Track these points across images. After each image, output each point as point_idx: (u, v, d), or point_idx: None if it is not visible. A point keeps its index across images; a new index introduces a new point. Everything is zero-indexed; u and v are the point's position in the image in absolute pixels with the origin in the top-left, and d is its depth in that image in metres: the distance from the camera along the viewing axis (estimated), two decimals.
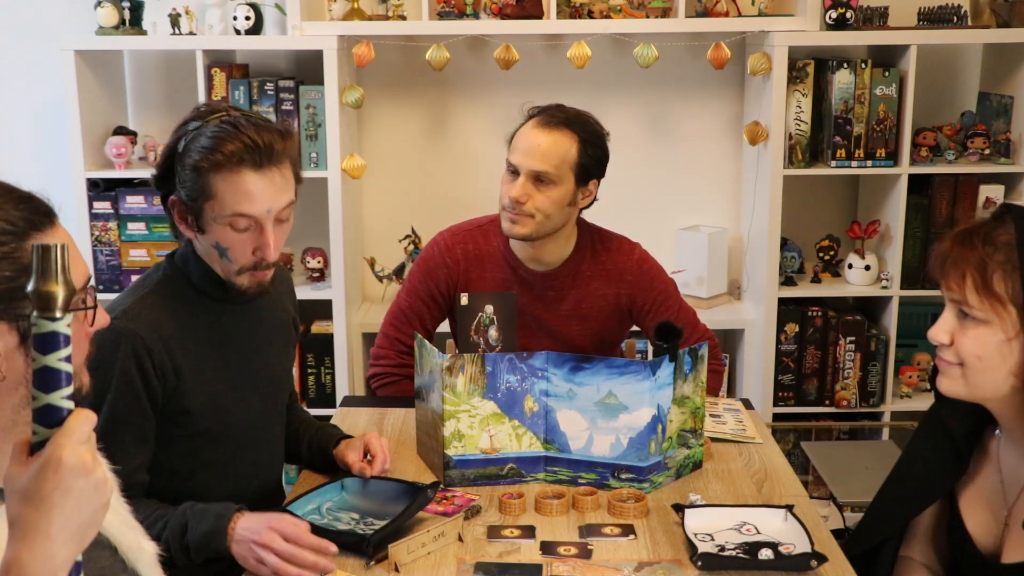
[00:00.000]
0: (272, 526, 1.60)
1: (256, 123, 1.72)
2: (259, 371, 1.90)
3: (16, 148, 3.47)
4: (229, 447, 1.84)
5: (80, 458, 0.92)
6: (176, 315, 1.77)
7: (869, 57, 3.24)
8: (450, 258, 2.36)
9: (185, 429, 1.78)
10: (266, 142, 1.70)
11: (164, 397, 1.74)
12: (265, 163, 1.71)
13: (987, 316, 1.42)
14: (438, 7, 3.25)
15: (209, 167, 1.68)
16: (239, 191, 1.69)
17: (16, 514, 0.93)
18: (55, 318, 0.91)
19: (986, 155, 3.24)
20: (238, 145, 1.68)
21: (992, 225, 1.45)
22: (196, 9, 3.23)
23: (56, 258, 0.91)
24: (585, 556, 1.65)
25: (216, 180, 1.69)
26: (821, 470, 2.86)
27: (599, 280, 2.34)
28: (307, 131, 3.17)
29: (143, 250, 3.22)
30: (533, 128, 2.21)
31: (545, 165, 2.17)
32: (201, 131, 1.70)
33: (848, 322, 3.33)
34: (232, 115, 1.72)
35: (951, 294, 1.46)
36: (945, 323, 1.48)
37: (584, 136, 2.21)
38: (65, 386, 0.93)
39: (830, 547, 1.66)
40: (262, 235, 1.74)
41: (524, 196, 2.18)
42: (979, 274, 1.42)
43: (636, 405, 1.85)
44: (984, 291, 1.41)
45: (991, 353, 1.43)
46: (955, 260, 1.45)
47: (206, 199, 1.70)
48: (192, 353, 1.77)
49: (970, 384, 1.47)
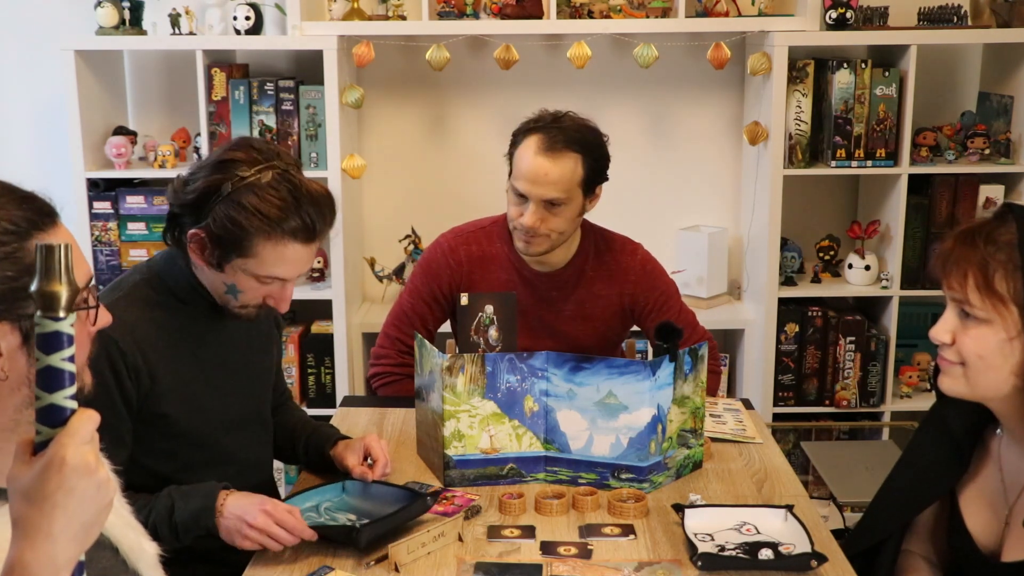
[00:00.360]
0: (266, 510, 1.63)
1: (312, 194, 1.69)
2: (238, 371, 1.89)
3: (16, 148, 3.47)
4: (209, 448, 1.83)
5: (83, 458, 0.92)
6: (152, 318, 1.76)
7: (869, 57, 3.24)
8: (453, 259, 2.35)
9: (163, 431, 1.77)
10: (320, 219, 1.69)
11: (139, 400, 1.73)
12: (314, 239, 1.71)
13: (989, 315, 1.42)
14: (438, 7, 3.25)
15: (257, 231, 1.66)
16: (281, 259, 1.69)
17: (19, 514, 0.93)
18: (58, 318, 0.91)
19: (986, 155, 3.24)
20: (296, 222, 1.67)
21: (994, 224, 1.45)
22: (196, 9, 3.23)
23: (60, 258, 0.91)
24: (585, 556, 1.66)
25: (261, 243, 1.67)
26: (821, 470, 2.86)
27: (602, 281, 2.35)
28: (307, 131, 3.18)
29: (143, 250, 3.22)
30: (536, 155, 2.17)
31: (555, 192, 2.17)
32: (255, 184, 1.66)
33: (848, 322, 3.34)
34: (289, 174, 1.68)
35: (953, 293, 1.46)
36: (947, 322, 1.48)
37: (587, 151, 2.20)
38: (68, 386, 0.93)
39: (830, 547, 1.66)
40: (283, 290, 1.76)
41: (538, 222, 2.19)
42: (981, 273, 1.42)
43: (636, 405, 1.85)
44: (986, 290, 1.41)
45: (992, 352, 1.43)
46: (957, 259, 1.45)
47: (241, 255, 1.69)
48: (168, 356, 1.76)
49: (971, 383, 1.47)
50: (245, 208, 1.65)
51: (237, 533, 1.64)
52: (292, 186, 1.67)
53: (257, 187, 1.65)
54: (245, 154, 1.69)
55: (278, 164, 1.68)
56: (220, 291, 1.76)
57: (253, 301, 1.76)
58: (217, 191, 1.67)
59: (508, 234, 2.33)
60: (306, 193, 1.68)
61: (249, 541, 1.63)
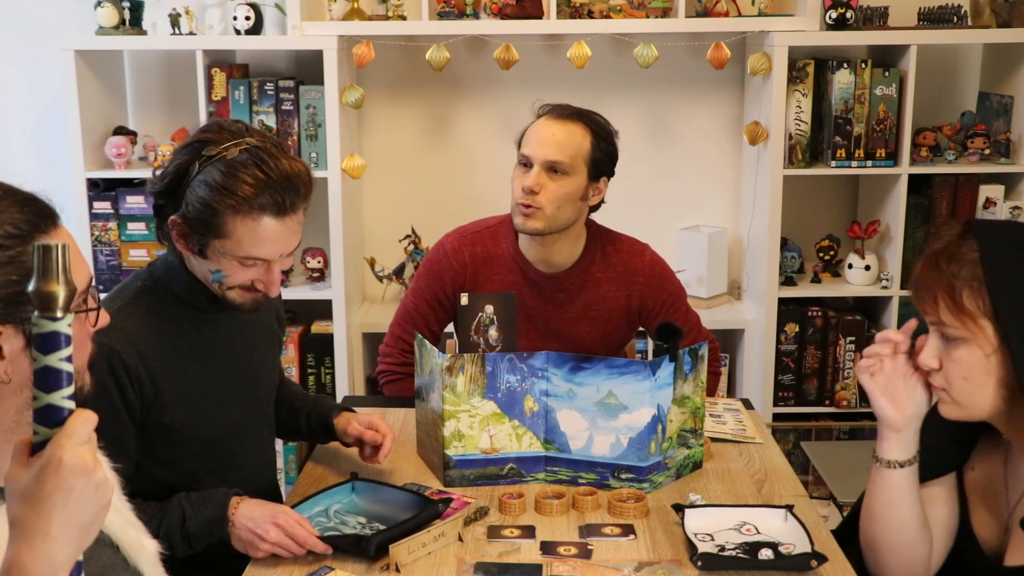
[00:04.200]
0: (278, 523, 1.64)
1: (282, 169, 1.63)
2: (242, 377, 1.87)
3: (16, 148, 3.47)
4: (214, 456, 1.82)
5: (81, 459, 0.92)
6: (155, 327, 1.73)
7: (869, 57, 3.24)
8: (457, 261, 2.35)
9: (167, 441, 1.75)
10: (291, 192, 1.64)
11: (143, 411, 1.71)
12: (287, 212, 1.66)
13: (964, 334, 1.44)
14: (438, 7, 3.25)
15: (226, 208, 1.61)
16: (256, 237, 1.65)
17: (17, 515, 0.93)
18: (56, 318, 0.91)
19: (986, 155, 3.24)
20: (266, 198, 1.62)
21: (956, 244, 1.47)
22: (196, 9, 3.23)
23: (57, 258, 0.90)
24: (585, 556, 1.65)
25: (233, 221, 1.63)
26: (821, 470, 2.86)
27: (609, 282, 2.34)
28: (307, 131, 3.18)
29: (143, 250, 3.22)
30: (546, 121, 2.23)
31: (559, 155, 2.18)
32: (219, 161, 1.62)
33: (848, 322, 3.34)
34: (253, 146, 1.64)
35: (929, 318, 1.49)
36: (932, 348, 1.50)
37: (596, 130, 2.23)
38: (66, 386, 0.93)
39: (830, 547, 1.66)
40: (268, 273, 1.71)
41: (537, 186, 2.17)
42: (948, 295, 1.44)
43: (636, 405, 1.85)
44: (955, 310, 1.43)
45: (977, 372, 1.45)
46: (926, 284, 1.47)
47: (217, 235, 1.65)
48: (172, 365, 1.73)
49: (964, 406, 1.49)
50: (210, 186, 1.61)
51: (250, 545, 1.65)
52: (260, 160, 1.62)
53: (223, 164, 1.62)
54: (214, 134, 1.66)
55: (248, 141, 1.64)
56: (208, 279, 1.73)
57: (239, 284, 1.71)
58: (186, 173, 1.64)
59: (514, 234, 2.32)
60: (275, 168, 1.62)
61: (262, 552, 1.64)
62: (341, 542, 1.66)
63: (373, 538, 1.63)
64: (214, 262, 1.69)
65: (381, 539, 1.63)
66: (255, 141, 1.65)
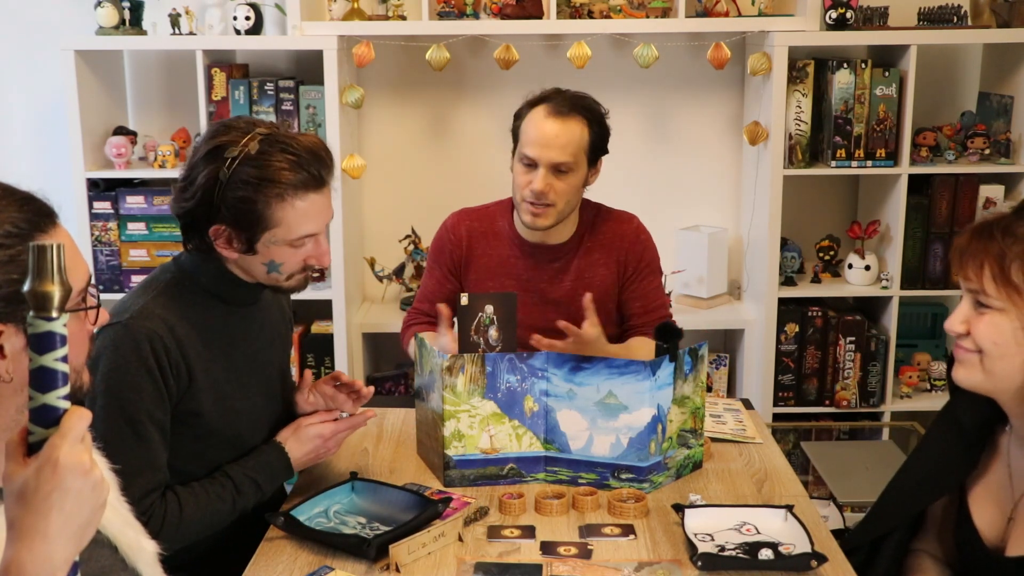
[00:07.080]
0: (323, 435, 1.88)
1: (299, 141, 1.70)
2: (263, 371, 1.89)
3: (16, 148, 3.47)
4: (236, 448, 1.83)
5: (77, 458, 0.92)
6: (187, 317, 1.75)
7: (869, 57, 3.24)
8: (454, 235, 2.43)
9: (194, 430, 1.76)
10: (319, 163, 1.70)
11: (177, 396, 1.72)
12: (324, 183, 1.72)
13: (1003, 304, 1.45)
14: (438, 7, 3.25)
15: (271, 198, 1.66)
16: (303, 215, 1.70)
17: (15, 515, 0.93)
18: (51, 318, 0.91)
19: (986, 155, 3.24)
20: (302, 175, 1.67)
21: (1012, 218, 1.48)
22: (196, 9, 3.23)
23: (52, 258, 0.90)
24: (585, 556, 1.65)
25: (281, 208, 1.67)
26: (821, 470, 2.86)
27: (600, 249, 2.39)
28: (307, 131, 3.17)
29: (143, 250, 3.22)
30: (544, 119, 2.24)
31: (564, 156, 2.22)
32: (245, 159, 1.65)
33: (848, 322, 3.33)
34: (267, 134, 1.68)
35: (969, 284, 1.49)
36: (961, 313, 1.51)
37: (591, 118, 2.27)
38: (61, 386, 0.93)
39: (830, 547, 1.66)
40: (318, 246, 1.77)
41: (547, 187, 2.23)
42: (997, 264, 1.45)
43: (636, 405, 1.85)
44: (1002, 280, 1.45)
45: (1007, 339, 1.46)
46: (974, 251, 1.48)
47: (266, 228, 1.69)
48: (203, 355, 1.75)
49: (987, 371, 1.49)
50: (249, 183, 1.65)
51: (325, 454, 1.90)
52: (282, 144, 1.67)
53: (251, 160, 1.65)
54: (226, 136, 1.68)
55: (260, 131, 1.68)
56: (262, 273, 1.76)
57: (296, 269, 1.77)
58: (216, 181, 1.66)
59: (512, 214, 2.39)
60: (298, 146, 1.68)
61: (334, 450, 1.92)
62: (341, 543, 1.66)
63: (373, 541, 1.63)
64: (265, 255, 1.73)
65: (381, 542, 1.63)
66: (265, 129, 1.69)
